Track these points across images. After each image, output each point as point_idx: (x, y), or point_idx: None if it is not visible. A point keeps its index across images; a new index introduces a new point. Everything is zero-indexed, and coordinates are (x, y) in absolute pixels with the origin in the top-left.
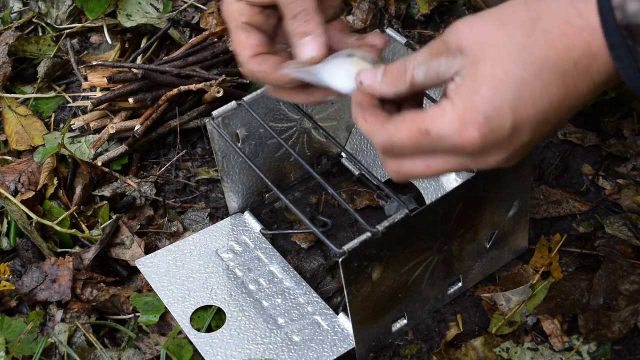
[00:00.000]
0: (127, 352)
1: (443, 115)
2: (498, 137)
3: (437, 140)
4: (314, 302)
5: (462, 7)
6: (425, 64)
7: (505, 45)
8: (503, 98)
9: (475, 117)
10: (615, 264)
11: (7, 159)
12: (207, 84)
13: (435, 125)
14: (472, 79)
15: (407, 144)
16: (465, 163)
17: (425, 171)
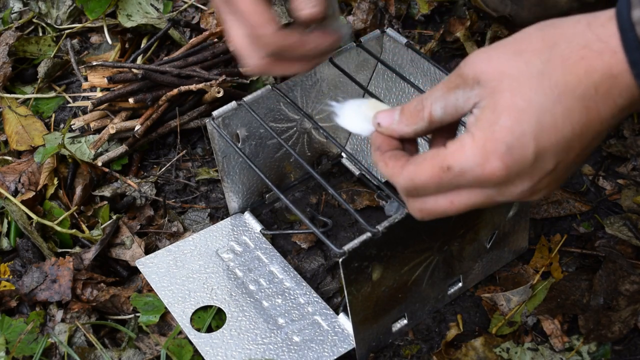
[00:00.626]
0: (127, 352)
1: (463, 150)
2: (521, 166)
3: (460, 175)
4: (314, 302)
5: (462, 7)
6: (442, 98)
7: (523, 73)
8: (524, 126)
9: (497, 147)
10: (615, 264)
11: (7, 159)
12: (207, 84)
13: (456, 161)
14: (491, 109)
15: (430, 182)
16: (490, 195)
17: (450, 207)
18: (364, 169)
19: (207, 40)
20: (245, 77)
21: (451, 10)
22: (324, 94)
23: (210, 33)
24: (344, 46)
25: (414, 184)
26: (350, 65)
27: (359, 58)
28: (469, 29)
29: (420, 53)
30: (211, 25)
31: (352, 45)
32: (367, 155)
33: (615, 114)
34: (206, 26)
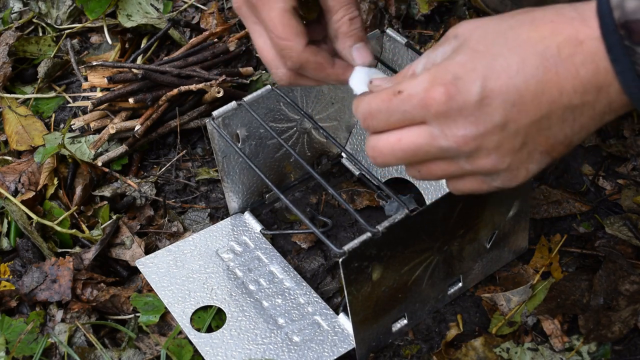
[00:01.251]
0: (127, 352)
1: (415, 78)
2: (465, 100)
3: (407, 99)
4: (314, 302)
5: (462, 7)
6: (425, 57)
7: (493, 28)
8: (475, 64)
9: (444, 76)
10: (615, 264)
11: (7, 159)
12: (207, 84)
13: (406, 85)
14: (454, 52)
15: (381, 107)
16: (433, 134)
17: (397, 144)
18: (364, 169)
19: (207, 40)
20: (245, 77)
21: (451, 10)
22: (324, 94)
23: (210, 33)
24: None
25: (369, 108)
26: None
27: None
28: None
29: (420, 53)
30: (211, 25)
31: None
32: (367, 155)
33: (577, 88)
34: (206, 26)
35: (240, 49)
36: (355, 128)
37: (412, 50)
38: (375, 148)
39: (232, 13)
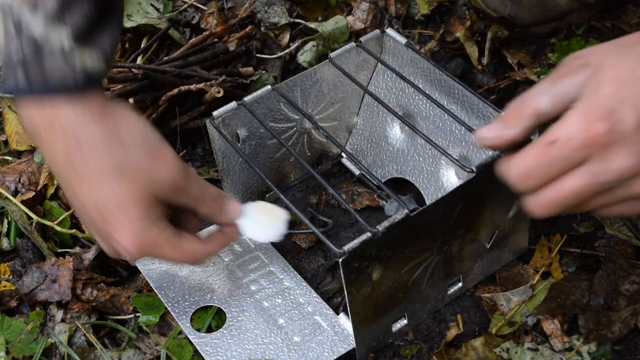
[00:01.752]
0: (127, 352)
1: (566, 121)
2: (624, 129)
3: (566, 145)
4: (314, 302)
5: (462, 7)
6: (548, 91)
7: (625, 54)
8: (624, 92)
9: (597, 111)
10: (615, 264)
11: (7, 159)
12: (207, 84)
13: (560, 131)
14: (593, 84)
15: (539, 162)
16: (594, 172)
17: (558, 195)
18: (364, 169)
19: (207, 40)
20: (245, 77)
21: (451, 10)
22: (324, 94)
23: (210, 33)
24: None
25: (524, 169)
26: (350, 65)
27: (359, 58)
28: (469, 29)
29: (420, 53)
30: (211, 25)
31: (352, 45)
32: (367, 155)
33: None
34: (206, 26)
35: (240, 49)
36: (355, 128)
37: (412, 50)
38: (536, 206)
39: (232, 13)
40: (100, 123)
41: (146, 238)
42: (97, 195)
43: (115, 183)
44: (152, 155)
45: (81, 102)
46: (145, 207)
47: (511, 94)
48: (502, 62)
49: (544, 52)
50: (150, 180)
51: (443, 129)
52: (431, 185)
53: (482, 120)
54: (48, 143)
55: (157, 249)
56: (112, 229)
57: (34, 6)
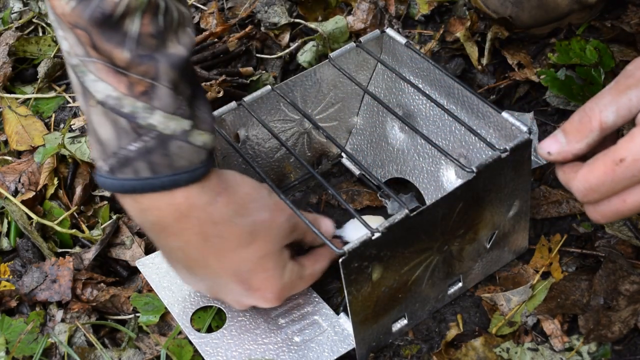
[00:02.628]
0: (127, 352)
1: (633, 139)
2: None
3: (633, 164)
4: (314, 302)
5: (462, 7)
6: (613, 103)
7: None
8: None
9: None
10: (615, 264)
11: (7, 159)
12: (207, 84)
13: (628, 150)
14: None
15: (604, 179)
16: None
17: (622, 206)
18: (364, 169)
19: (207, 40)
20: (245, 77)
21: (451, 10)
22: (324, 94)
23: (210, 33)
24: (345, 47)
25: (589, 184)
26: (350, 65)
27: (358, 58)
28: (469, 29)
29: (420, 53)
30: (211, 25)
31: (352, 45)
32: (367, 155)
33: None
34: (206, 26)
35: (240, 49)
36: (355, 128)
37: (412, 50)
38: (598, 216)
39: (232, 13)
40: (225, 195)
41: (285, 285)
42: (236, 261)
43: (251, 245)
44: (269, 209)
45: (207, 180)
46: (278, 257)
47: (511, 94)
48: (502, 63)
49: (544, 52)
50: (276, 232)
51: (443, 129)
52: (431, 185)
53: (482, 120)
54: (178, 231)
55: (293, 289)
56: (252, 288)
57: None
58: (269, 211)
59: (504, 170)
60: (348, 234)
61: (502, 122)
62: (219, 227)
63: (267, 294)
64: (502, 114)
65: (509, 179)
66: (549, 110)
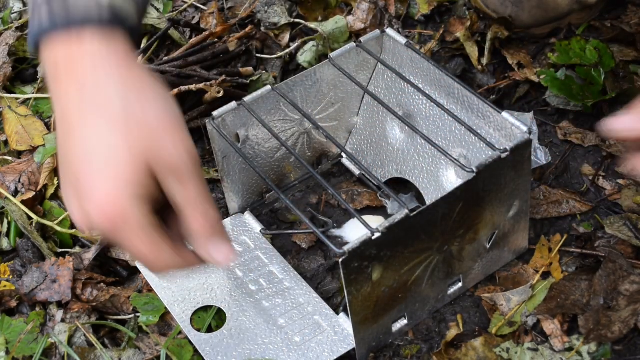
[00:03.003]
0: (127, 352)
1: None
2: None
3: None
4: (314, 302)
5: (462, 7)
6: None
7: None
8: None
9: None
10: (615, 264)
11: (7, 159)
12: (207, 84)
13: None
14: None
15: None
16: None
17: None
18: (364, 169)
19: (207, 40)
20: (245, 77)
21: (451, 10)
22: (324, 94)
23: (210, 33)
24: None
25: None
26: (350, 65)
27: (358, 58)
28: (469, 29)
29: (420, 53)
30: (211, 25)
31: (352, 45)
32: (367, 155)
33: None
34: (206, 26)
35: (240, 49)
36: (355, 128)
37: (412, 50)
38: None
39: (232, 13)
40: (123, 67)
41: (119, 208)
42: (90, 139)
43: (114, 132)
44: (166, 125)
45: (106, 40)
46: (133, 174)
47: (511, 94)
48: (502, 62)
49: (544, 52)
50: (153, 148)
51: (443, 129)
52: (431, 185)
53: (482, 120)
54: (65, 84)
55: (125, 229)
56: (87, 183)
57: None
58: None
59: (504, 170)
60: (348, 234)
61: (502, 122)
62: (99, 90)
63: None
64: (502, 114)
65: (509, 179)
66: (549, 110)
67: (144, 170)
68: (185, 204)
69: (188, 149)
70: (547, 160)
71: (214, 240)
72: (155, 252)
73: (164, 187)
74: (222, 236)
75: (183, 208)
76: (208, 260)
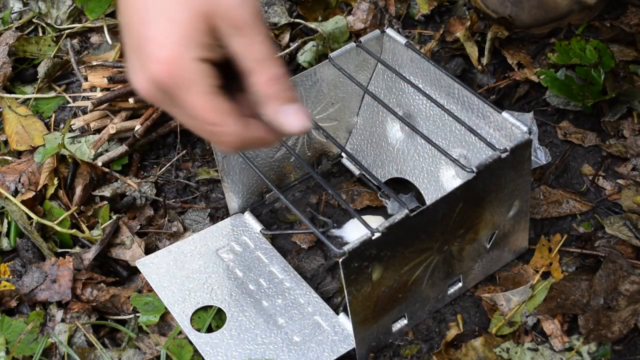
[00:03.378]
0: (127, 352)
1: None
2: None
3: None
4: (314, 302)
5: (462, 7)
6: None
7: None
8: None
9: None
10: (615, 264)
11: (7, 159)
12: None
13: None
14: None
15: None
16: None
17: None
18: (364, 169)
19: None
20: None
21: (451, 10)
22: (324, 94)
23: None
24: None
25: None
26: (350, 65)
27: (358, 58)
28: (469, 29)
29: (420, 53)
30: None
31: (352, 45)
32: (367, 155)
33: None
34: None
35: None
36: (355, 128)
37: (412, 50)
38: None
39: None
40: None
41: (182, 62)
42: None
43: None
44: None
45: None
46: (194, 31)
47: (511, 94)
48: (502, 62)
49: (544, 52)
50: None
51: (443, 129)
52: (431, 185)
53: (482, 120)
54: None
55: (186, 87)
56: (148, 44)
57: None
58: None
59: (504, 170)
60: (348, 234)
61: (502, 122)
62: None
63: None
64: (502, 114)
65: (509, 179)
66: (549, 110)
67: (206, 27)
68: (253, 63)
69: (250, 1)
70: (547, 160)
71: (287, 103)
72: (218, 118)
73: (228, 44)
74: (295, 99)
75: (251, 68)
76: (281, 126)
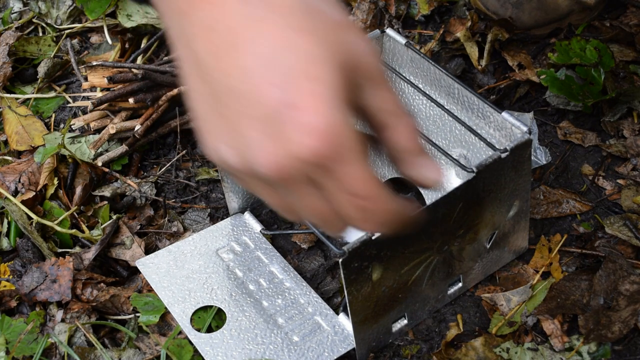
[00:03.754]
0: (127, 352)
1: None
2: None
3: None
4: (314, 302)
5: (463, 7)
6: None
7: None
8: None
9: None
10: (615, 264)
11: (7, 159)
12: None
13: None
14: None
15: None
16: None
17: None
18: None
19: None
20: None
21: (451, 11)
22: None
23: None
24: None
25: None
26: None
27: None
28: (469, 29)
29: (420, 53)
30: None
31: None
32: None
33: None
34: None
35: None
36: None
37: (412, 50)
38: None
39: None
40: None
41: (341, 129)
42: (279, 51)
43: (302, 33)
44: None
45: None
46: (338, 76)
47: (511, 94)
48: (502, 62)
49: (544, 52)
50: (348, 50)
51: (443, 129)
52: None
53: (482, 120)
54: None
55: (348, 157)
56: (292, 103)
57: None
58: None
59: (504, 170)
60: (348, 234)
61: (502, 122)
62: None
63: (311, 118)
64: (502, 114)
65: (509, 179)
66: (549, 110)
67: (347, 83)
68: (390, 117)
69: (366, 39)
70: (547, 160)
71: (423, 156)
72: (375, 191)
73: (362, 96)
74: (426, 152)
75: (386, 120)
76: (421, 181)
